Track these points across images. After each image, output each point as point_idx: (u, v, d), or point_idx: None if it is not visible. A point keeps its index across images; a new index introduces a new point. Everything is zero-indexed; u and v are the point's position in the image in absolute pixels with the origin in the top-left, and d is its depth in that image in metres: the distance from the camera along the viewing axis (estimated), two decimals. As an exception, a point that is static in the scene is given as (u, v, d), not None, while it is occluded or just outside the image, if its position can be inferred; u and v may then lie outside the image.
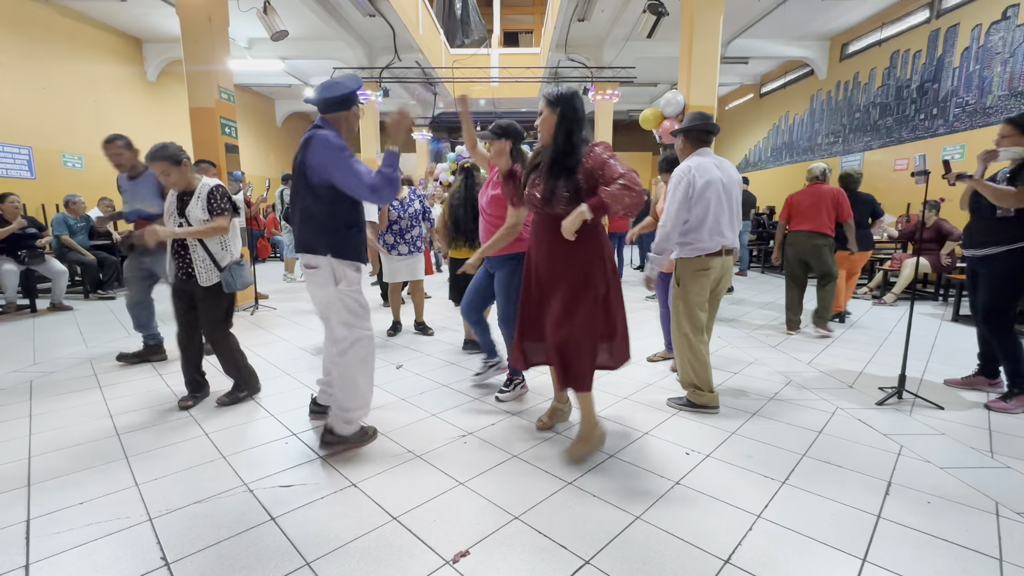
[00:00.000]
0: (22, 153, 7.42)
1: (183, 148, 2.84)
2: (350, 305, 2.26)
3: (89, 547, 1.66)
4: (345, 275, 2.24)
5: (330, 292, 2.25)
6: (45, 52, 7.79)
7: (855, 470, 2.16)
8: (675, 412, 2.76)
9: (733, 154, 14.88)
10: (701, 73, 5.40)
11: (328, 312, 2.32)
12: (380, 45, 10.88)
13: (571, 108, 2.08)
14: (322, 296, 2.29)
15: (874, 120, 9.36)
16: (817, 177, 4.58)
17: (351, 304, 2.26)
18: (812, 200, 4.48)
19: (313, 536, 1.72)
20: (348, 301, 2.26)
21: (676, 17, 6.42)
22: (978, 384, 3.12)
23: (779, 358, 3.77)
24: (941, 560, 1.61)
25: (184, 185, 2.77)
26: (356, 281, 2.28)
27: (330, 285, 2.24)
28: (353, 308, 2.27)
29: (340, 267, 2.23)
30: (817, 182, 4.56)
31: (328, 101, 2.20)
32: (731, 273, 2.83)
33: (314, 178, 2.15)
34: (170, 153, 2.70)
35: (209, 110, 5.56)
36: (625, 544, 1.68)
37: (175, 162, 2.71)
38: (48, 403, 2.92)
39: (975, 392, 3.09)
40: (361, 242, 2.30)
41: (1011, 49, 6.71)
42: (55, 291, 5.58)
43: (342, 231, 2.22)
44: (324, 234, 2.21)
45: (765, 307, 5.71)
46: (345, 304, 2.25)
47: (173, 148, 2.74)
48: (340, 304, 2.25)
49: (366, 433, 2.41)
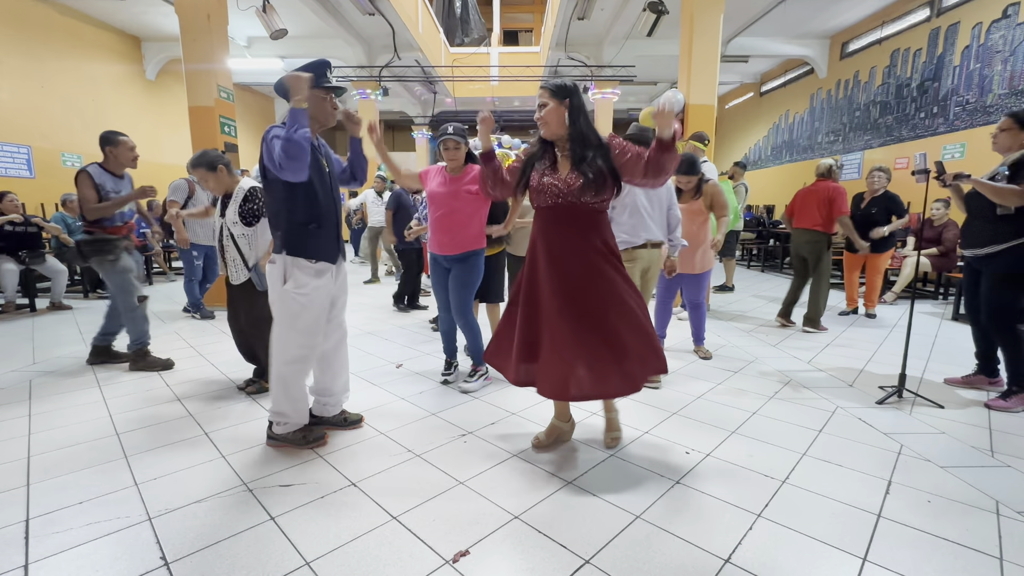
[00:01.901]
0: (21, 152, 7.42)
1: (223, 154, 2.92)
2: (293, 311, 2.18)
3: (88, 547, 1.66)
4: (294, 276, 2.18)
5: (279, 290, 2.19)
6: (44, 51, 7.78)
7: (855, 469, 2.16)
8: (675, 412, 2.76)
9: (733, 153, 14.87)
10: (701, 72, 5.39)
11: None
12: (380, 43, 10.86)
13: (578, 98, 2.06)
14: (275, 295, 2.23)
15: (874, 119, 9.35)
16: (823, 174, 4.60)
17: (294, 310, 2.18)
18: (807, 198, 4.58)
19: (313, 536, 1.71)
20: (292, 306, 2.18)
21: (676, 15, 6.41)
22: (978, 383, 3.12)
23: (779, 357, 3.77)
24: (941, 559, 1.61)
25: (223, 189, 2.90)
26: (305, 284, 2.18)
27: (279, 283, 2.19)
28: (295, 315, 2.18)
29: (292, 267, 2.18)
30: (821, 179, 4.58)
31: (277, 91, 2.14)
32: (659, 264, 3.16)
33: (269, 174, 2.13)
34: (207, 160, 2.85)
35: (208, 109, 5.55)
36: (625, 544, 1.68)
37: (211, 168, 2.85)
38: (47, 402, 2.92)
39: (975, 391, 3.09)
40: (322, 238, 2.21)
41: (1011, 47, 6.70)
42: (55, 290, 5.57)
43: (296, 227, 2.16)
44: (278, 229, 2.18)
45: (766, 306, 5.71)
46: (288, 308, 2.18)
47: (211, 155, 2.86)
48: (281, 304, 2.19)
49: (307, 437, 2.35)
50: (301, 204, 2.16)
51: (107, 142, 3.38)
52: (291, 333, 2.22)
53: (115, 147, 3.39)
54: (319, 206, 2.20)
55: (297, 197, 2.15)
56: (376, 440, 2.43)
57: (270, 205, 2.22)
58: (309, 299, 2.20)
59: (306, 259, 2.19)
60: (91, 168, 3.33)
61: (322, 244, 2.22)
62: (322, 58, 2.27)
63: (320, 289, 2.23)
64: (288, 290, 2.18)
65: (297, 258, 2.18)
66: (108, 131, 3.41)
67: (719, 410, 2.79)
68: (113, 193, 3.36)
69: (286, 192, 2.13)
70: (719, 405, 2.86)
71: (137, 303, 3.46)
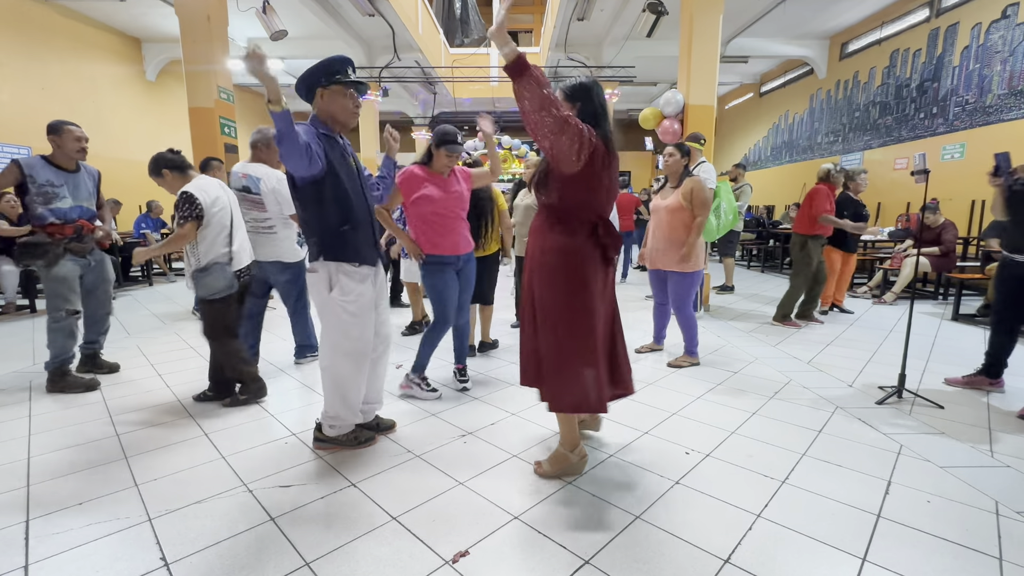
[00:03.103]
0: (21, 153, 7.42)
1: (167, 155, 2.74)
2: (342, 319, 2.16)
3: (88, 547, 1.66)
4: (340, 283, 2.14)
5: (325, 299, 2.16)
6: (44, 52, 7.79)
7: (855, 469, 2.16)
8: (675, 412, 2.76)
9: (733, 153, 14.88)
10: (700, 72, 5.39)
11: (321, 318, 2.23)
12: (379, 44, 10.88)
13: (589, 99, 1.92)
14: (318, 301, 2.20)
15: (874, 119, 9.36)
16: (822, 178, 4.75)
17: (343, 318, 2.15)
18: (803, 201, 4.77)
19: (313, 536, 1.71)
20: (340, 314, 2.15)
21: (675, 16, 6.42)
22: (979, 383, 3.10)
23: (779, 357, 3.77)
24: (941, 559, 1.61)
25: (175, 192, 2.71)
26: (351, 291, 2.16)
27: (325, 291, 2.15)
28: (345, 324, 2.16)
29: (336, 273, 2.14)
30: (821, 183, 4.72)
31: (297, 91, 2.11)
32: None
33: (295, 177, 2.06)
34: (151, 166, 2.72)
35: (208, 110, 5.55)
36: (625, 544, 1.68)
37: (153, 173, 2.73)
38: (47, 403, 2.92)
39: (976, 391, 3.08)
40: (359, 241, 2.17)
41: (1011, 48, 6.70)
42: (55, 291, 5.57)
43: (330, 230, 2.11)
44: (313, 234, 2.13)
45: (766, 306, 5.71)
46: (337, 317, 2.16)
47: (155, 159, 2.72)
48: (330, 314, 2.17)
49: (358, 438, 2.36)
50: (332, 206, 2.10)
51: (51, 131, 3.02)
52: (344, 340, 2.19)
53: (59, 136, 3.02)
54: (351, 207, 2.14)
55: (327, 200, 2.09)
56: (375, 443, 2.43)
57: (302, 210, 2.15)
58: (357, 305, 2.17)
59: (348, 263, 2.14)
60: (29, 159, 2.98)
61: (360, 246, 2.17)
62: (342, 55, 2.19)
63: (365, 295, 2.21)
64: (335, 298, 2.14)
65: (341, 263, 2.13)
66: (56, 120, 3.07)
67: (719, 410, 2.79)
68: (49, 188, 2.99)
69: (316, 196, 2.08)
70: (719, 405, 2.86)
71: (64, 316, 3.06)
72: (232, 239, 2.76)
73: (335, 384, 2.24)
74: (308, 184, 2.06)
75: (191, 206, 2.60)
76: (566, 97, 1.94)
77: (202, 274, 2.68)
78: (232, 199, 2.86)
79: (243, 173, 3.26)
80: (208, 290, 2.69)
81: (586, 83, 1.94)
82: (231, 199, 2.85)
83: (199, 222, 2.62)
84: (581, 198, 1.92)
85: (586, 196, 1.92)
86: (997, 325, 3.04)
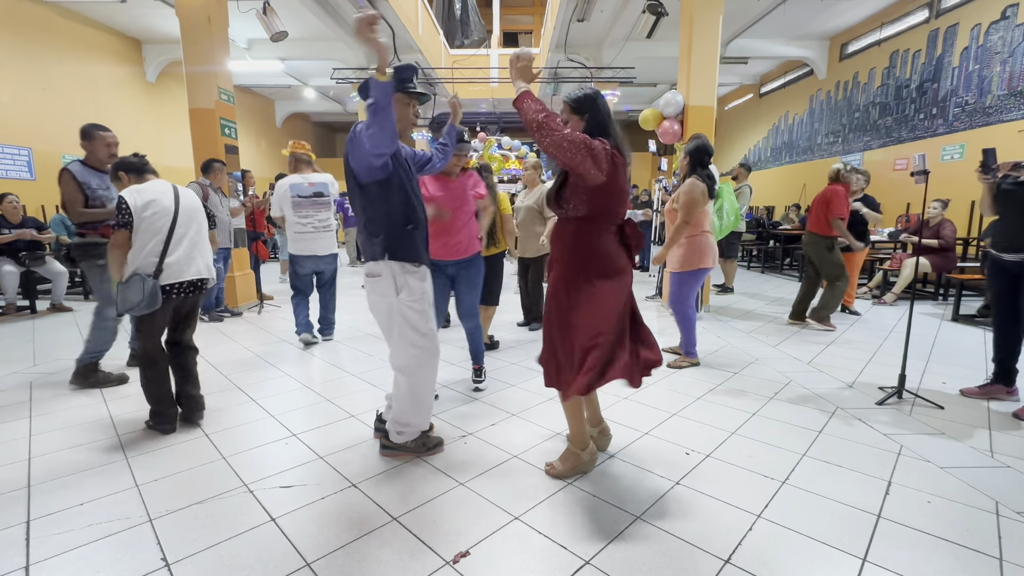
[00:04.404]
0: (22, 154, 7.43)
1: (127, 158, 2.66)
2: (413, 320, 2.12)
3: (89, 548, 1.66)
4: (407, 284, 2.11)
5: (391, 303, 2.12)
6: (45, 53, 7.80)
7: (855, 470, 2.16)
8: (675, 413, 2.77)
9: (733, 154, 14.88)
10: (700, 73, 5.39)
11: (390, 326, 2.17)
12: (380, 46, 10.86)
13: (597, 110, 1.99)
14: (383, 307, 2.15)
15: (874, 120, 9.36)
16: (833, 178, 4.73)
17: (414, 319, 2.12)
18: (815, 201, 4.75)
19: (313, 537, 1.72)
20: (410, 315, 2.11)
21: (675, 17, 6.42)
22: (995, 392, 2.96)
23: (779, 358, 3.77)
24: (941, 560, 1.61)
25: None
26: (419, 292, 2.14)
27: (391, 295, 2.11)
28: (416, 323, 2.13)
29: (401, 274, 2.10)
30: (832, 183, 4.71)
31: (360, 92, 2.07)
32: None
33: (360, 176, 2.04)
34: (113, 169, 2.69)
35: (209, 111, 5.56)
36: (625, 544, 1.68)
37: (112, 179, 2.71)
38: (48, 404, 2.92)
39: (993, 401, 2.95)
40: (419, 240, 2.16)
41: (1010, 49, 6.71)
42: (55, 292, 5.58)
43: (398, 230, 2.09)
44: (378, 234, 2.08)
45: (766, 307, 5.71)
46: (407, 319, 2.11)
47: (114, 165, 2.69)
48: (402, 319, 2.12)
49: (426, 444, 2.31)
50: (398, 206, 2.09)
51: (84, 136, 3.18)
52: (419, 338, 2.15)
53: (91, 141, 3.17)
54: (414, 207, 2.14)
55: (393, 200, 2.08)
56: (376, 441, 2.43)
57: (365, 211, 2.10)
58: (422, 304, 2.15)
59: (410, 263, 2.12)
60: (73, 167, 3.11)
61: (420, 246, 2.17)
62: (411, 63, 2.19)
63: (428, 292, 2.20)
64: (403, 300, 2.11)
65: (404, 263, 2.11)
66: (88, 124, 3.20)
67: (719, 411, 2.79)
68: (100, 191, 3.15)
69: (383, 196, 2.07)
70: (719, 406, 2.86)
71: (115, 315, 3.16)
72: (167, 249, 2.48)
73: (412, 387, 2.19)
74: (373, 184, 2.05)
75: (119, 212, 2.41)
76: (573, 111, 1.99)
77: (122, 285, 2.41)
78: (188, 206, 2.60)
79: (308, 182, 4.03)
80: (125, 304, 2.38)
81: (590, 94, 2.00)
82: (187, 206, 2.59)
83: (127, 229, 2.41)
84: (605, 205, 1.99)
85: (609, 203, 2.00)
86: (996, 326, 3.01)
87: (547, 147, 1.85)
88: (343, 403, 2.91)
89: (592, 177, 1.89)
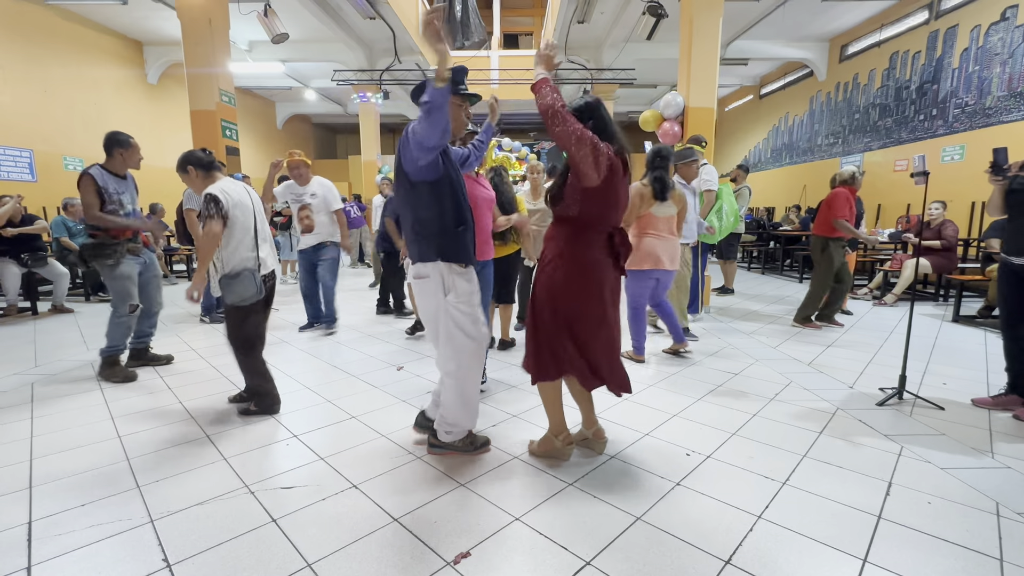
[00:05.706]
0: (23, 156, 7.45)
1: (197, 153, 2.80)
2: (460, 322, 2.12)
3: (90, 549, 1.66)
4: (455, 285, 2.11)
5: (439, 304, 2.11)
6: (46, 55, 7.82)
7: (855, 470, 2.16)
8: (675, 414, 2.77)
9: (733, 155, 14.89)
10: (700, 75, 5.40)
11: (437, 328, 2.17)
12: (380, 47, 10.91)
13: (600, 117, 2.02)
14: (431, 308, 2.15)
15: (873, 121, 9.37)
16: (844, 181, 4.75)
17: (461, 320, 2.12)
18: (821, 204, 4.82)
19: (314, 538, 1.72)
20: (458, 316, 2.11)
21: (675, 19, 6.44)
22: (1010, 404, 2.80)
23: (780, 358, 3.78)
24: (942, 560, 1.61)
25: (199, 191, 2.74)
26: (466, 293, 2.14)
27: (439, 296, 2.11)
28: (463, 324, 2.13)
29: (450, 275, 2.10)
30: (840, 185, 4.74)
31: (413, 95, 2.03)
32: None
33: (412, 177, 2.03)
34: (177, 164, 2.82)
35: (210, 112, 5.58)
36: (626, 545, 1.68)
37: (180, 170, 2.82)
38: (50, 405, 2.93)
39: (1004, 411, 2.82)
40: (468, 240, 2.14)
41: (1010, 50, 6.72)
42: (56, 293, 5.59)
43: (450, 231, 2.07)
44: (433, 236, 2.07)
45: (766, 308, 5.71)
46: (455, 320, 2.11)
47: (182, 156, 2.79)
48: (450, 320, 2.12)
49: (473, 443, 2.32)
50: (450, 208, 2.08)
51: (119, 144, 3.34)
52: (467, 340, 2.15)
53: (126, 149, 3.37)
54: (464, 209, 2.13)
55: (445, 202, 2.07)
56: (377, 442, 2.44)
57: (416, 212, 2.08)
58: (470, 306, 2.15)
59: (458, 264, 2.12)
60: (93, 170, 3.25)
61: (470, 248, 2.16)
62: (462, 65, 2.18)
63: (475, 292, 2.20)
64: (451, 302, 2.11)
65: (452, 264, 2.10)
66: (117, 132, 3.37)
67: (720, 412, 2.79)
68: (116, 195, 3.31)
69: (434, 197, 2.05)
70: (719, 407, 2.86)
71: (128, 312, 3.35)
72: (258, 244, 2.72)
73: (460, 386, 2.19)
74: (424, 184, 2.03)
75: (215, 205, 2.56)
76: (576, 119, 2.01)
77: (232, 280, 2.61)
78: (257, 203, 2.80)
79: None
80: (237, 297, 2.62)
81: (591, 102, 2.05)
82: (256, 203, 2.79)
83: (224, 222, 2.57)
84: (599, 212, 2.04)
85: (604, 210, 2.04)
86: (1005, 331, 2.87)
87: (558, 135, 1.90)
88: (344, 404, 2.92)
89: (588, 177, 1.93)
